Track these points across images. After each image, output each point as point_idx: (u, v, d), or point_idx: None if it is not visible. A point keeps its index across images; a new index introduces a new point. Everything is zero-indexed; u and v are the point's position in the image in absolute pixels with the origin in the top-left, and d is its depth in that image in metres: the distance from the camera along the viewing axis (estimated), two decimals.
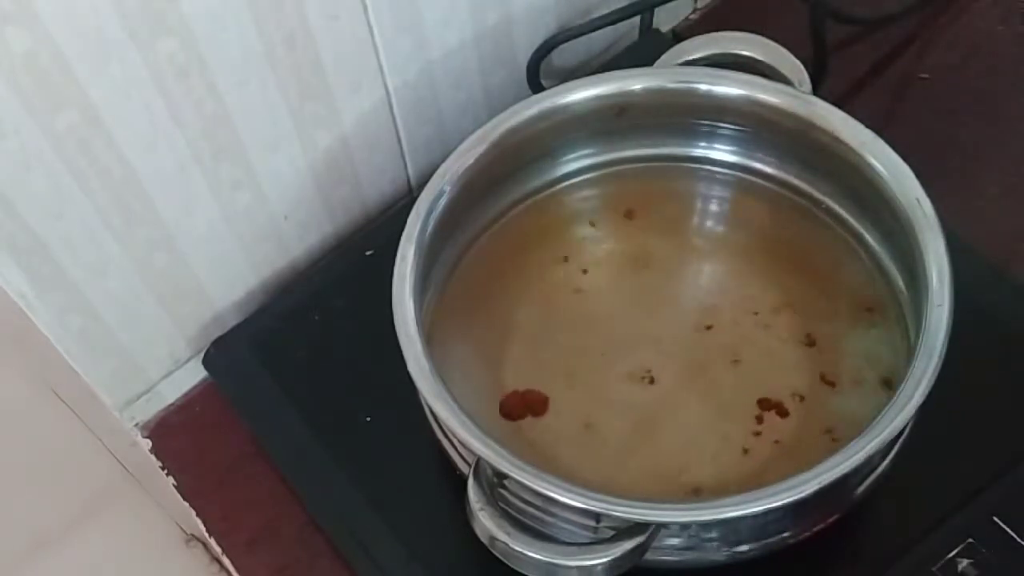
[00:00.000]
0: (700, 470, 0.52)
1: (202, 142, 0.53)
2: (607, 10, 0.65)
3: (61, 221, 0.51)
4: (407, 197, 0.67)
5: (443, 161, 0.54)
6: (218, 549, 0.58)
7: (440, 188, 0.53)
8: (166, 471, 0.61)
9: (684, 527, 0.46)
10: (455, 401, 0.47)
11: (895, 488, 0.50)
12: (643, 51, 0.66)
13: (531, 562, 0.44)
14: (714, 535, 0.47)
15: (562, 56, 0.67)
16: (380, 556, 0.53)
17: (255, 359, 0.60)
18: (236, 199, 0.57)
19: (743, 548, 0.47)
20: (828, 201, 0.57)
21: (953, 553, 0.49)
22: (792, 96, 0.55)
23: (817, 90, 0.56)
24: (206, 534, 0.59)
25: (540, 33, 0.65)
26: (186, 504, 0.59)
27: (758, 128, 0.57)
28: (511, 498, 0.47)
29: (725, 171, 0.60)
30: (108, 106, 0.48)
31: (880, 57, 0.70)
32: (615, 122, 0.58)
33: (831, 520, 0.48)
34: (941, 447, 0.52)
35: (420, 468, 0.55)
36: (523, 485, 0.45)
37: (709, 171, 0.60)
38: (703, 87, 0.56)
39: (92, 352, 0.57)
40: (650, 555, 0.45)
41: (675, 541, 0.47)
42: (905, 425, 0.46)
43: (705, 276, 0.59)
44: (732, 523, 0.46)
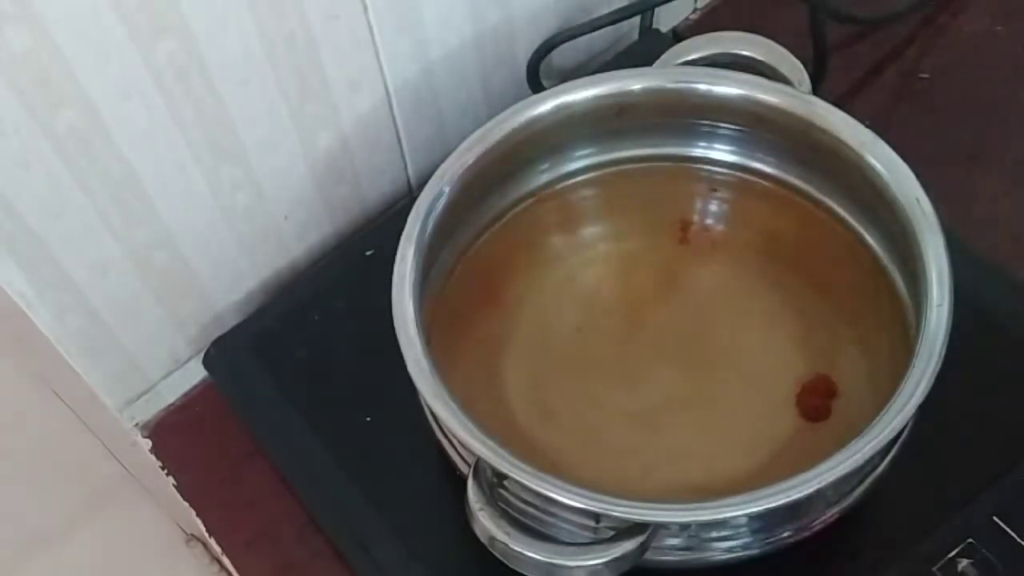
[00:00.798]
0: (700, 470, 0.52)
1: (202, 142, 0.53)
2: (607, 10, 0.65)
3: (61, 221, 0.51)
4: (407, 197, 0.67)
5: (443, 161, 0.54)
6: (218, 549, 0.58)
7: (440, 188, 0.53)
8: (166, 471, 0.61)
9: (684, 527, 0.46)
10: (455, 401, 0.47)
11: (895, 488, 0.50)
12: (643, 51, 0.66)
13: (531, 562, 0.44)
14: (714, 535, 0.47)
15: (562, 56, 0.67)
16: (380, 556, 0.53)
17: (255, 359, 0.60)
18: (236, 199, 0.57)
19: (743, 548, 0.47)
20: (828, 201, 0.57)
21: (953, 553, 0.49)
22: (792, 96, 0.55)
23: (817, 90, 0.56)
24: (206, 534, 0.59)
25: (540, 33, 0.65)
26: (186, 504, 0.59)
27: (758, 128, 0.57)
28: (511, 498, 0.47)
29: (725, 171, 0.60)
30: (108, 106, 0.48)
31: (880, 57, 0.70)
32: (615, 122, 0.58)
33: (831, 520, 0.48)
34: (941, 447, 0.52)
35: (420, 468, 0.55)
36: (523, 485, 0.45)
37: (709, 171, 0.60)
38: (703, 87, 0.56)
39: (92, 352, 0.57)
40: (650, 555, 0.45)
41: (675, 541, 0.47)
42: (905, 425, 0.46)
43: (705, 276, 0.59)
44: (732, 523, 0.46)
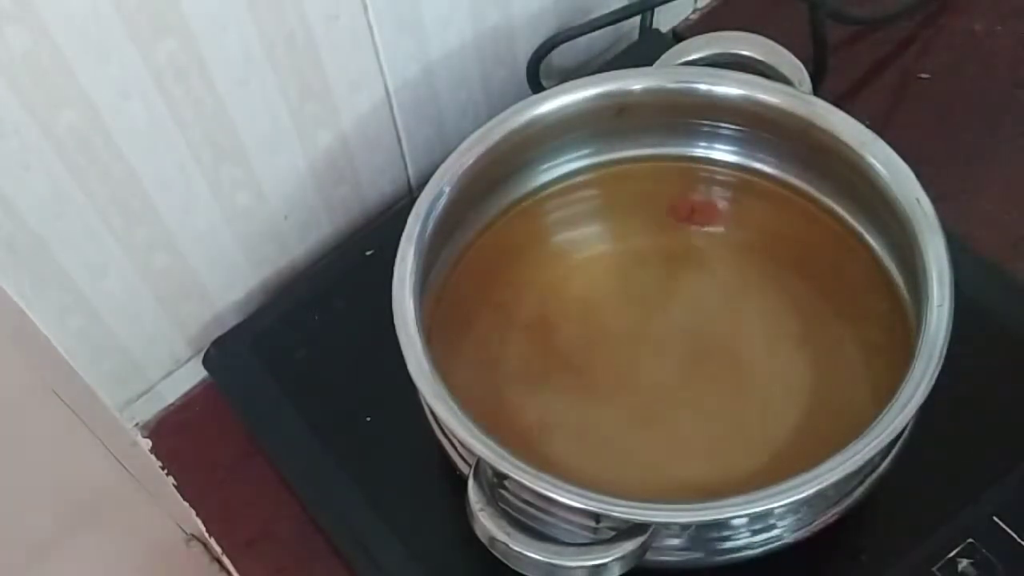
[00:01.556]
0: (700, 470, 0.52)
1: (202, 142, 0.53)
2: (607, 10, 0.65)
3: (61, 221, 0.51)
4: (407, 197, 0.67)
5: (443, 161, 0.54)
6: (218, 549, 0.58)
7: (440, 188, 0.53)
8: (166, 471, 0.61)
9: (684, 527, 0.46)
10: (455, 401, 0.47)
11: (895, 488, 0.50)
12: (643, 51, 0.66)
13: (531, 562, 0.44)
14: (715, 535, 0.47)
15: (562, 56, 0.67)
16: (380, 556, 0.53)
17: (255, 359, 0.60)
18: (236, 199, 0.57)
19: (743, 548, 0.47)
20: (828, 201, 0.57)
21: (953, 553, 0.49)
22: (792, 96, 0.55)
23: (817, 90, 0.56)
24: (206, 534, 0.59)
25: (540, 33, 0.65)
26: (186, 504, 0.59)
27: (758, 128, 0.57)
28: (511, 498, 0.47)
29: (725, 171, 0.60)
30: (108, 106, 0.48)
31: (880, 57, 0.70)
32: (615, 122, 0.58)
33: (831, 520, 0.48)
34: (941, 447, 0.52)
35: (420, 468, 0.55)
36: (523, 485, 0.45)
37: (709, 171, 0.60)
38: (703, 87, 0.56)
39: (92, 352, 0.57)
40: (650, 555, 0.45)
41: (675, 541, 0.47)
42: (905, 425, 0.46)
43: (705, 276, 0.59)
44: (732, 523, 0.46)
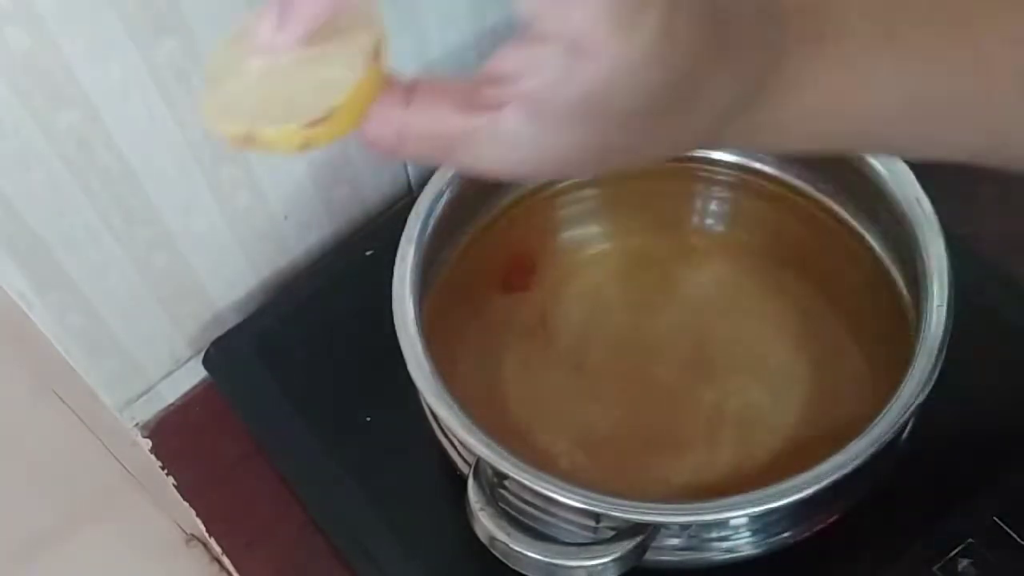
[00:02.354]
0: (700, 470, 0.52)
1: (202, 142, 0.53)
2: None
3: (61, 221, 0.51)
4: (407, 197, 0.66)
5: None
6: (218, 549, 0.58)
7: (440, 188, 0.53)
8: (166, 471, 0.61)
9: (684, 527, 0.46)
10: (455, 401, 0.47)
11: (895, 488, 0.50)
12: None
13: (531, 562, 0.44)
14: (714, 535, 0.47)
15: None
16: (380, 556, 0.53)
17: (255, 359, 0.60)
18: (236, 199, 0.57)
19: (743, 548, 0.47)
20: (828, 201, 0.57)
21: (953, 553, 0.49)
22: None
23: None
24: (206, 534, 0.59)
25: None
26: (186, 504, 0.59)
27: None
28: (511, 498, 0.47)
29: (725, 171, 0.60)
30: (108, 106, 0.48)
31: None
32: None
33: (831, 520, 0.48)
34: (941, 447, 0.52)
35: (420, 468, 0.55)
36: (523, 485, 0.45)
37: (709, 171, 0.60)
38: None
39: (92, 352, 0.57)
40: (650, 555, 0.45)
41: (675, 541, 0.47)
42: (905, 425, 0.46)
43: (705, 276, 0.59)
44: (732, 523, 0.46)
